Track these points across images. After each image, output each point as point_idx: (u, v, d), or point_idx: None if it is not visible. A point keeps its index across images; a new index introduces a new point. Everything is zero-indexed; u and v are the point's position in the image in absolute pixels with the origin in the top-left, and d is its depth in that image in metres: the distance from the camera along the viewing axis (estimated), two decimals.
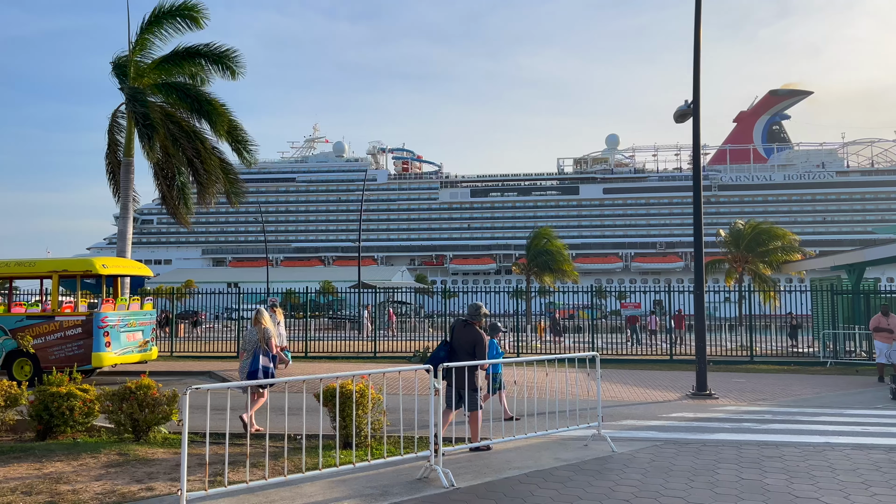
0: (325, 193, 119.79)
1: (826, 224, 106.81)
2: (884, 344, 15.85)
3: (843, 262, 23.41)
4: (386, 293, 30.56)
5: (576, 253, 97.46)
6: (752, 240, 35.64)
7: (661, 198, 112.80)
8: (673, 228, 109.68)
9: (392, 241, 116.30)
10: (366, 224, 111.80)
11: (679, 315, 27.48)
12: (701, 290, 14.66)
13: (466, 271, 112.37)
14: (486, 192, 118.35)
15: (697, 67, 14.67)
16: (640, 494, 6.44)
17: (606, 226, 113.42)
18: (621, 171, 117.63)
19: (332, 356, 22.66)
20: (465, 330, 8.62)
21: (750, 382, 15.99)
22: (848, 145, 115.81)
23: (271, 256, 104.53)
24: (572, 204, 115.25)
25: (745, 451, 8.34)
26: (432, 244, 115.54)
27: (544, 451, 8.30)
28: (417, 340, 26.56)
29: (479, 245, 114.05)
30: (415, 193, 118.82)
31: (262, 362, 9.77)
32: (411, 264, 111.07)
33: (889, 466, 7.56)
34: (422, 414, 8.95)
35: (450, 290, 26.23)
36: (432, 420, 7.00)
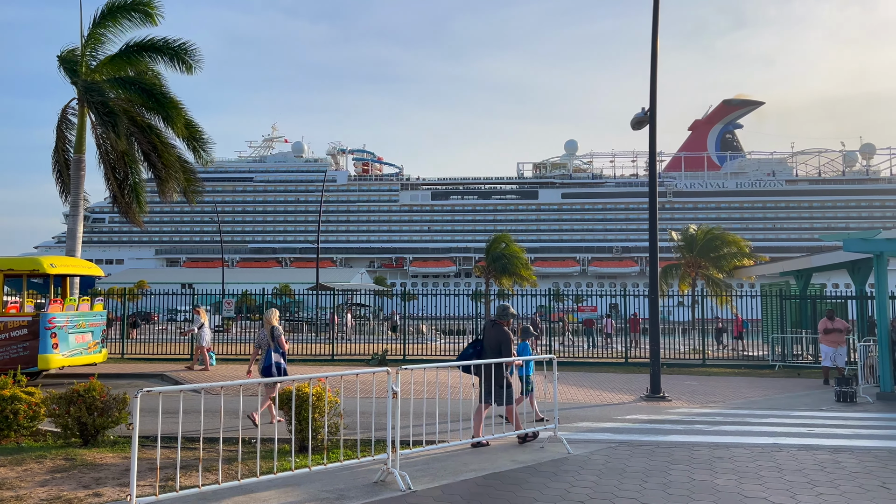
0: (283, 194, 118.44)
1: (776, 231, 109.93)
2: (829, 348, 16.35)
3: (792, 269, 24.12)
4: (344, 295, 30.34)
5: (534, 257, 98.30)
6: (705, 245, 36.47)
7: (618, 203, 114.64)
8: (629, 233, 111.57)
9: (351, 242, 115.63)
10: (325, 225, 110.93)
11: (634, 318, 27.94)
12: (655, 295, 14.94)
13: (426, 274, 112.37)
14: (446, 195, 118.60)
15: (654, 76, 14.96)
16: (594, 496, 6.52)
17: (564, 230, 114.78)
18: (579, 176, 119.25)
19: (290, 359, 22.36)
20: (493, 329, 9.15)
21: (702, 385, 16.35)
22: (797, 155, 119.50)
23: (227, 257, 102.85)
24: (531, 208, 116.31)
25: (696, 453, 8.51)
26: (392, 246, 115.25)
27: (501, 453, 8.34)
28: (376, 343, 26.44)
29: (440, 248, 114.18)
30: (375, 195, 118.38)
31: (273, 359, 10.19)
32: (371, 266, 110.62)
33: (833, 466, 7.80)
34: (380, 417, 8.91)
35: (409, 293, 26.17)
36: (390, 423, 6.97)
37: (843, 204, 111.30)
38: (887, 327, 14.40)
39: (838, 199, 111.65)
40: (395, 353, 22.70)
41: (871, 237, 14.85)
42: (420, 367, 8.21)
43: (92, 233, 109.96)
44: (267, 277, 75.33)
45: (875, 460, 8.15)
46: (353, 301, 36.98)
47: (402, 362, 20.22)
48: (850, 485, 6.99)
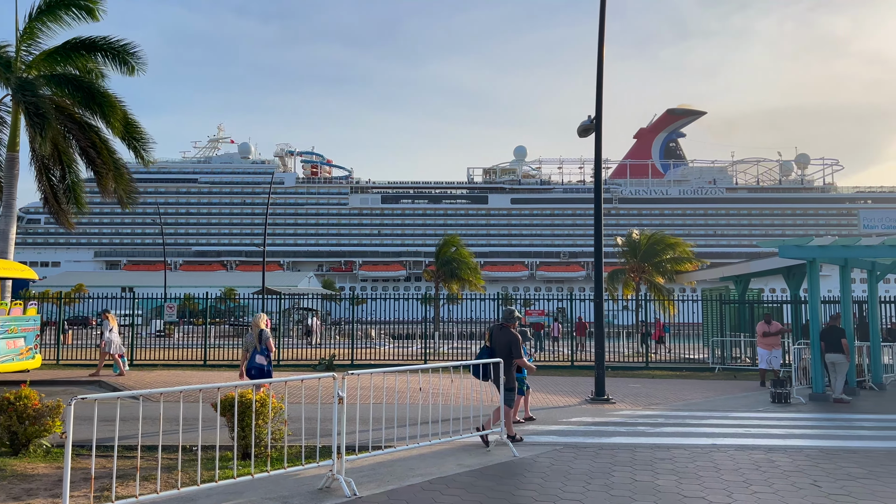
0: (228, 196, 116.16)
1: (717, 237, 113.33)
2: (765, 351, 16.91)
3: (731, 274, 24.91)
4: (291, 299, 29.93)
5: (484, 261, 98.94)
6: (649, 250, 37.27)
7: (566, 209, 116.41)
8: (576, 239, 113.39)
9: (299, 246, 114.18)
10: (272, 228, 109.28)
11: (580, 322, 28.37)
12: (600, 299, 15.20)
13: (376, 278, 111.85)
14: (397, 199, 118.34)
15: (600, 85, 15.25)
16: (539, 498, 6.59)
17: (514, 235, 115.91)
18: (528, 182, 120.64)
19: (234, 364, 21.92)
20: (501, 332, 9.57)
21: (645, 388, 16.70)
22: (737, 164, 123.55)
23: (170, 260, 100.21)
24: (481, 213, 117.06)
25: (639, 454, 8.69)
26: (341, 250, 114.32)
27: (448, 457, 8.35)
28: (324, 348, 26.15)
29: (390, 251, 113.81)
30: (324, 198, 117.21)
31: (256, 361, 10.65)
32: (319, 270, 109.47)
33: (768, 466, 8.07)
34: (326, 423, 8.81)
35: (358, 297, 25.99)
36: (335, 429, 6.90)
37: (780, 212, 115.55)
38: (819, 330, 14.98)
39: (775, 207, 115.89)
40: (343, 357, 22.50)
41: (805, 244, 15.44)
42: (367, 371, 8.16)
43: (26, 234, 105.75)
44: (211, 281, 73.75)
45: (807, 459, 8.46)
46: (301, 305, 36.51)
47: (350, 367, 20.05)
48: (784, 483, 7.25)
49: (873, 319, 17.56)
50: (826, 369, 14.75)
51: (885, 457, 8.66)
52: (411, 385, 13.37)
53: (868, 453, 8.88)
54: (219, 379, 17.06)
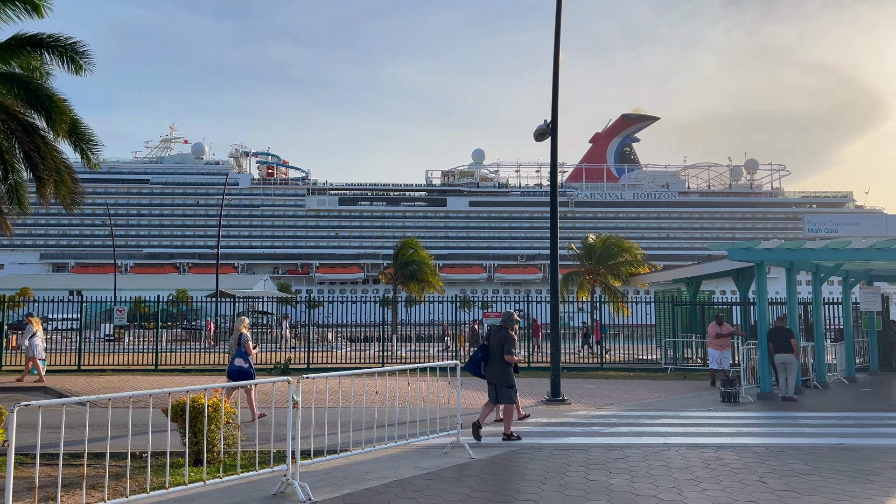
0: (181, 197, 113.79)
1: (669, 240, 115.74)
2: (716, 351, 17.33)
3: (683, 276, 25.48)
4: (246, 302, 29.47)
5: (442, 263, 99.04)
6: (603, 253, 37.81)
7: (523, 212, 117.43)
8: (533, 241, 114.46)
9: (254, 248, 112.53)
10: (226, 230, 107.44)
11: (535, 324, 28.61)
12: (556, 301, 15.37)
13: (333, 280, 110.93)
14: (354, 201, 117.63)
15: (556, 90, 15.44)
16: (494, 499, 6.63)
17: (472, 237, 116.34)
18: (486, 185, 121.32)
19: (186, 369, 21.53)
20: (498, 333, 10.11)
21: (600, 388, 16.94)
22: (689, 168, 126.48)
23: (120, 262, 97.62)
24: (440, 215, 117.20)
25: (593, 454, 8.81)
26: (298, 252, 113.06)
27: (404, 461, 8.34)
28: (279, 352, 25.83)
29: (347, 254, 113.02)
30: (280, 199, 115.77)
31: (236, 363, 11.29)
32: (275, 273, 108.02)
33: (717, 463, 8.28)
34: (281, 427, 8.71)
35: (315, 300, 25.75)
36: (290, 433, 6.82)
37: (730, 215, 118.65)
38: (766, 331, 15.41)
39: (725, 211, 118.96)
40: (300, 361, 22.27)
41: (753, 247, 15.89)
42: (323, 375, 8.10)
43: None
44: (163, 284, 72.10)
45: (754, 456, 8.71)
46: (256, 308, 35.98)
47: (307, 371, 19.86)
48: (732, 480, 7.44)
49: (817, 320, 18.17)
50: (774, 369, 15.19)
51: (827, 453, 8.96)
52: (368, 388, 13.32)
53: (811, 450, 9.18)
54: (171, 384, 16.69)
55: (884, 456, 8.75)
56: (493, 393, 9.94)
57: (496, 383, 9.83)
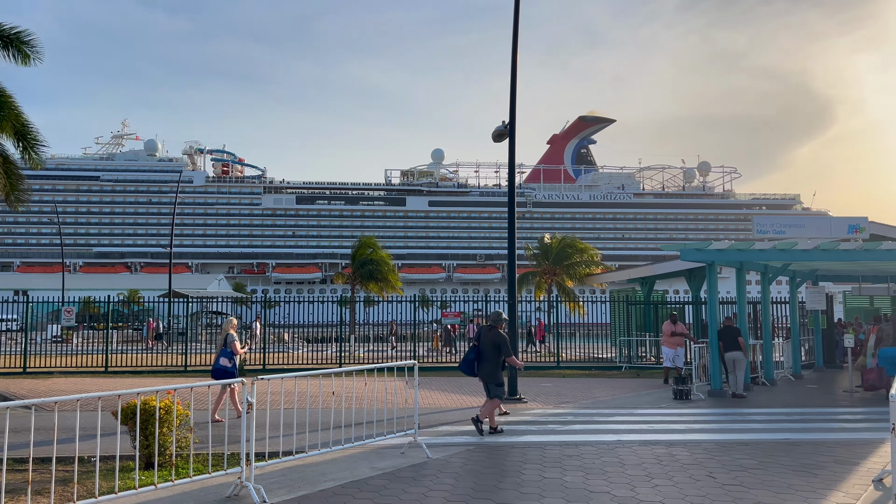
0: (133, 194, 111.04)
1: (625, 241, 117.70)
2: (670, 350, 17.68)
3: (637, 276, 25.96)
4: (200, 303, 28.94)
5: (401, 263, 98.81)
6: (560, 253, 38.29)
7: (482, 212, 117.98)
8: (492, 241, 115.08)
9: (209, 247, 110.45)
10: (180, 228, 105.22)
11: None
12: (513, 301, 15.51)
13: (290, 280, 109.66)
14: (312, 200, 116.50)
15: (514, 91, 15.56)
16: (451, 498, 6.66)
17: (431, 237, 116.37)
18: (446, 185, 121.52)
19: (138, 370, 21.06)
20: (489, 333, 10.39)
21: (556, 387, 17.14)
22: (644, 170, 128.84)
23: (69, 262, 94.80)
24: (399, 215, 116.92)
25: (548, 452, 8.92)
26: (254, 251, 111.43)
27: (361, 461, 8.31)
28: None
29: (304, 253, 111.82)
30: (235, 198, 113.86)
31: (220, 363, 11.55)
32: (230, 272, 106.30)
33: (669, 460, 8.46)
34: (235, 429, 8.60)
35: (271, 300, 25.43)
36: (244, 435, 6.74)
37: (684, 217, 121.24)
38: (717, 330, 15.80)
39: (679, 212, 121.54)
40: (255, 362, 21.97)
41: (704, 248, 16.28)
42: (278, 376, 8.01)
43: None
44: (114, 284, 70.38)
45: (704, 452, 8.92)
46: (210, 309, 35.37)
47: (262, 372, 19.61)
48: (683, 476, 7.61)
49: (766, 319, 18.70)
50: (724, 366, 15.59)
51: (774, 448, 9.24)
52: (325, 389, 13.22)
53: (759, 445, 9.45)
54: (121, 386, 16.30)
55: (827, 450, 9.06)
56: (485, 389, 10.43)
57: (487, 380, 10.26)
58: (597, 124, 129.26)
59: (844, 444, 9.49)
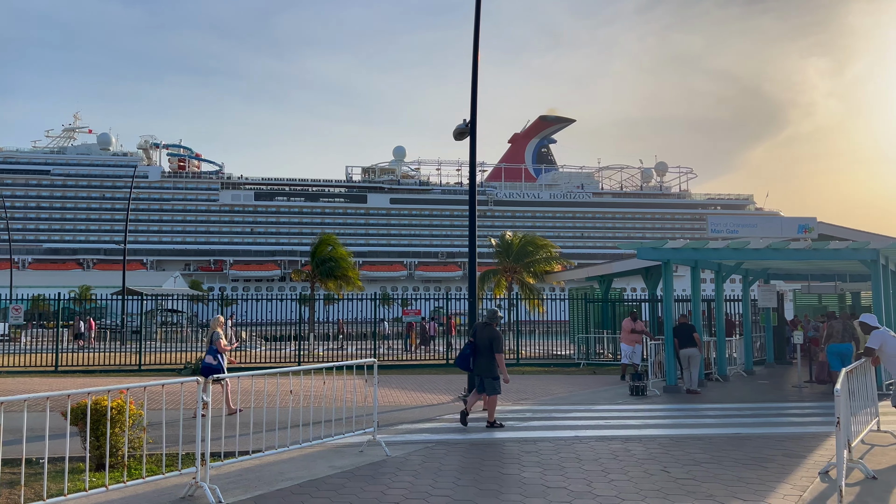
0: (86, 189, 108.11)
1: (584, 239, 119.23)
2: (629, 346, 17.97)
3: (595, 274, 26.30)
4: (155, 300, 28.35)
5: (363, 261, 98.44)
6: (520, 251, 38.60)
7: (444, 210, 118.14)
8: (454, 239, 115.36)
9: (164, 244, 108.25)
10: (134, 225, 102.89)
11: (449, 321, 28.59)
12: (474, 298, 15.55)
13: (248, 277, 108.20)
14: (271, 196, 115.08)
15: (475, 89, 15.60)
16: (409, 496, 6.66)
17: (393, 235, 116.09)
18: (407, 182, 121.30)
19: (90, 370, 20.54)
20: (484, 329, 10.81)
21: (515, 384, 17.18)
22: (602, 170, 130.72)
23: (17, 258, 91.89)
24: (360, 212, 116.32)
25: (507, 448, 8.98)
26: (211, 248, 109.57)
27: (319, 460, 8.25)
28: (190, 351, 24.96)
29: (263, 250, 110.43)
30: (192, 193, 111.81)
31: (206, 360, 11.98)
32: (186, 269, 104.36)
33: (624, 455, 8.60)
34: (190, 429, 8.45)
35: (228, 298, 25.05)
36: (199, 434, 6.63)
37: (641, 216, 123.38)
38: (672, 327, 16.10)
39: (636, 212, 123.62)
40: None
41: (660, 247, 16.58)
42: (235, 375, 7.90)
43: None
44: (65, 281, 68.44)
45: (659, 447, 9.09)
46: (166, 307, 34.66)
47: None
48: (638, 470, 7.75)
49: (719, 316, 19.14)
50: (679, 363, 15.90)
51: (726, 442, 9.47)
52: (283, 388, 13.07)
53: (711, 440, 9.67)
54: (72, 386, 15.87)
55: (776, 444, 9.32)
56: (479, 384, 10.74)
57: (483, 375, 10.64)
58: (557, 124, 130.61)
59: (793, 438, 9.77)
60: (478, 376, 10.78)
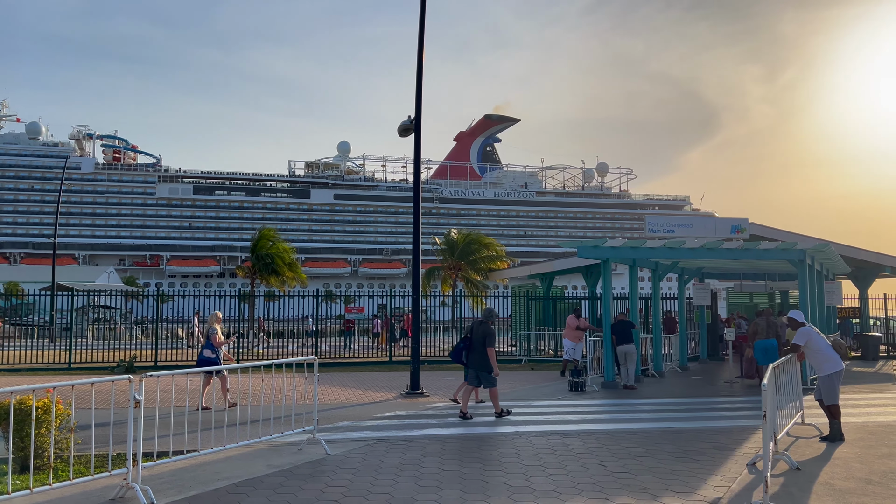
0: (13, 180, 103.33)
1: (527, 237, 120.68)
2: (571, 343, 18.26)
3: (538, 272, 26.67)
4: (87, 296, 27.34)
5: (305, 257, 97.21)
6: (465, 249, 38.80)
7: (389, 207, 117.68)
8: (399, 236, 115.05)
9: (98, 238, 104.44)
10: (66, 218, 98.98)
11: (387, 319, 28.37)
12: (417, 295, 15.56)
13: (186, 273, 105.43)
14: (210, 190, 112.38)
15: (420, 86, 15.59)
16: (349, 494, 6.61)
17: (336, 231, 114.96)
18: (352, 178, 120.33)
19: (15, 368, 19.68)
20: (479, 326, 11.47)
21: (458, 380, 17.23)
22: (546, 169, 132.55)
23: None
24: (303, 207, 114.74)
25: (448, 445, 9.01)
26: (147, 243, 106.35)
27: (257, 459, 8.11)
28: (124, 349, 24.17)
29: (202, 246, 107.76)
30: (128, 186, 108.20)
31: (203, 354, 12.51)
32: (121, 265, 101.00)
33: (563, 450, 8.74)
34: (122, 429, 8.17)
35: (165, 294, 24.37)
36: (131, 434, 6.42)
37: (582, 215, 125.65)
38: (611, 324, 16.45)
39: (578, 211, 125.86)
40: (146, 359, 21.01)
41: (600, 245, 16.91)
42: (169, 373, 7.69)
43: None
44: None
45: (596, 442, 9.28)
46: (99, 303, 33.48)
47: (154, 369, 18.75)
48: (575, 465, 7.89)
49: (656, 314, 19.66)
50: (617, 359, 16.26)
51: (660, 436, 9.74)
52: (216, 386, 12.80)
53: (647, 434, 9.93)
54: None
55: (707, 437, 9.64)
56: (474, 378, 11.42)
57: (478, 369, 11.29)
58: (502, 123, 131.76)
59: (724, 432, 10.12)
60: (473, 370, 11.41)
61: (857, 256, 23.37)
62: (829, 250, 16.80)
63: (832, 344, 10.27)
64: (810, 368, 12.96)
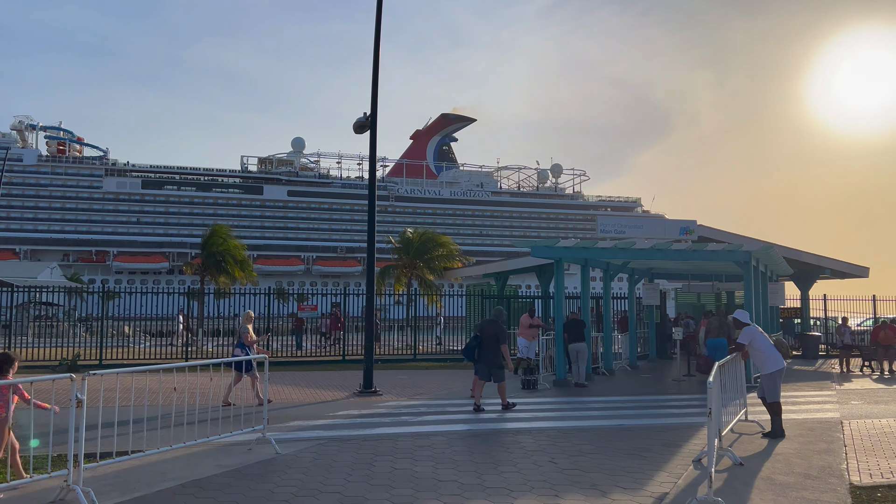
0: None
1: (482, 237, 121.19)
2: (525, 341, 18.41)
3: (492, 271, 26.86)
4: (28, 293, 26.39)
5: (257, 254, 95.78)
6: (420, 247, 38.75)
7: (344, 204, 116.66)
8: (353, 234, 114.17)
9: (40, 232, 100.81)
10: (6, 211, 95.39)
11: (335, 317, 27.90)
12: (371, 294, 15.49)
13: (133, 270, 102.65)
14: (160, 185, 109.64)
15: (376, 83, 15.51)
16: (299, 494, 6.53)
17: (290, 228, 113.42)
18: (306, 174, 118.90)
19: None
20: (490, 325, 12.38)
21: (412, 379, 17.33)
22: (501, 169, 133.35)
23: None
24: (255, 204, 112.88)
25: (400, 443, 8.99)
26: (92, 238, 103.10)
27: (205, 459, 7.95)
28: (66, 347, 23.40)
29: (150, 241, 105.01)
30: (73, 179, 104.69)
31: (235, 353, 12.65)
32: (65, 260, 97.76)
33: (515, 447, 8.82)
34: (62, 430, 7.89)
35: (111, 291, 23.69)
36: (72, 434, 6.22)
37: (537, 215, 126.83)
38: (563, 323, 16.66)
39: (532, 211, 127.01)
40: (91, 357, 20.40)
41: (553, 245, 17.11)
42: (114, 371, 7.48)
43: None
44: None
45: (547, 439, 9.38)
46: (41, 300, 32.32)
47: (98, 367, 18.19)
48: (527, 462, 7.96)
49: (606, 313, 20.00)
50: (568, 358, 16.48)
51: (610, 434, 9.91)
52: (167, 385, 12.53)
53: (597, 431, 10.09)
54: None
55: (655, 434, 9.84)
56: (485, 373, 12.08)
57: (489, 365, 12.03)
58: (458, 122, 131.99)
59: (671, 429, 10.35)
60: (484, 366, 12.09)
61: (799, 258, 24.20)
62: (773, 252, 17.34)
63: (775, 343, 10.60)
64: (754, 367, 13.36)
